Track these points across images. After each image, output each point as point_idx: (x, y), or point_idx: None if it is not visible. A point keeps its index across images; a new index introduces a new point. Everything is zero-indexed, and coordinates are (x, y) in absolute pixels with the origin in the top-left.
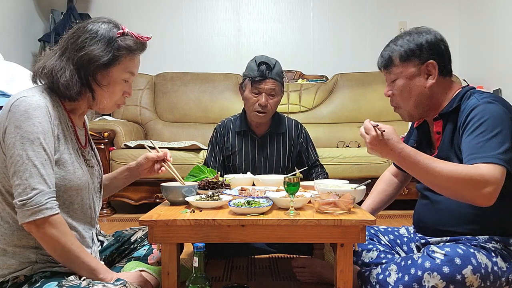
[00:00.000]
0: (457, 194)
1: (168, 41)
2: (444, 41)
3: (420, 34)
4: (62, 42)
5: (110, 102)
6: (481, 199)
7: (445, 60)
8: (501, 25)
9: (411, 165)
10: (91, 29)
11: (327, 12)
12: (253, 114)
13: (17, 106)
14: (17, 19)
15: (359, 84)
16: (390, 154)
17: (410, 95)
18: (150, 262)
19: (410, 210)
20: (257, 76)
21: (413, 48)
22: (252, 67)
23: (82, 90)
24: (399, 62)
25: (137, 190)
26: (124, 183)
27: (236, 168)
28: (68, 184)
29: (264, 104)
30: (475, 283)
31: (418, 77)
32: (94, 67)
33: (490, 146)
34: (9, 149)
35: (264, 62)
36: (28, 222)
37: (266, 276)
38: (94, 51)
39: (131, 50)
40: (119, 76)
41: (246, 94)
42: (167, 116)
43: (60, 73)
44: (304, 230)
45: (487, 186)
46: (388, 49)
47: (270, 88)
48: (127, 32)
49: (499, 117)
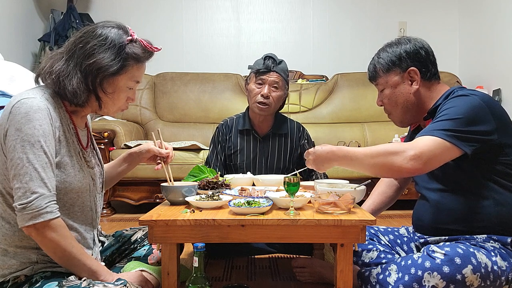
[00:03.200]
0: (384, 166)
1: (168, 41)
2: (424, 47)
3: (399, 45)
4: (69, 45)
5: (114, 108)
6: (404, 164)
7: (427, 65)
8: (501, 25)
9: (345, 155)
10: (101, 34)
11: (327, 12)
12: (254, 105)
13: (18, 108)
14: (17, 19)
15: (359, 84)
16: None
17: (397, 102)
18: (150, 262)
19: (410, 210)
20: (262, 68)
21: (393, 59)
22: (258, 62)
23: (88, 98)
24: (382, 73)
25: (137, 190)
26: (128, 168)
27: (237, 167)
28: (69, 187)
29: (266, 95)
30: (475, 283)
31: (402, 84)
32: (102, 76)
33: (439, 125)
34: (9, 152)
35: (270, 57)
36: (28, 226)
37: (266, 276)
38: (104, 60)
39: (139, 60)
40: (125, 84)
41: (250, 86)
42: (167, 116)
43: (68, 80)
44: (304, 230)
45: (407, 151)
46: (372, 62)
47: (273, 80)
48: (135, 39)
49: (468, 106)
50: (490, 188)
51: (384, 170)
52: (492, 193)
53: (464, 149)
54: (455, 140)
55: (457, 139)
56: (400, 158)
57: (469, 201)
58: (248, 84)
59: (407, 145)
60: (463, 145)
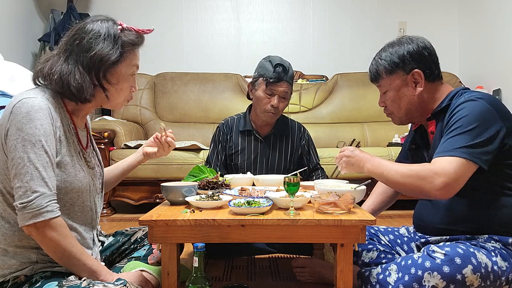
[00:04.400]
0: (414, 190)
1: (168, 41)
2: (427, 47)
3: (402, 45)
4: (64, 45)
5: (120, 98)
6: (433, 191)
7: (431, 67)
8: (501, 25)
9: (378, 164)
10: (93, 28)
11: (327, 12)
12: (264, 114)
13: (19, 108)
14: (17, 19)
15: (359, 84)
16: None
17: (400, 105)
18: (150, 262)
19: (410, 210)
20: (273, 78)
21: (396, 61)
22: (267, 67)
23: (94, 91)
24: (385, 75)
25: (137, 190)
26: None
27: (238, 167)
28: (69, 187)
29: (276, 106)
30: (475, 283)
31: (406, 87)
32: (105, 67)
33: (456, 141)
34: (10, 152)
35: (280, 64)
36: (28, 225)
37: (266, 276)
38: (104, 50)
39: (134, 44)
40: (127, 71)
41: (259, 94)
42: (167, 116)
43: (71, 77)
44: (304, 230)
45: (436, 178)
46: (374, 63)
47: (284, 91)
48: (126, 27)
49: (478, 113)
50: (492, 189)
51: (412, 192)
52: (494, 193)
53: (483, 166)
54: (476, 158)
55: (477, 157)
56: (429, 185)
57: (471, 202)
58: (256, 90)
59: (436, 169)
60: (483, 162)
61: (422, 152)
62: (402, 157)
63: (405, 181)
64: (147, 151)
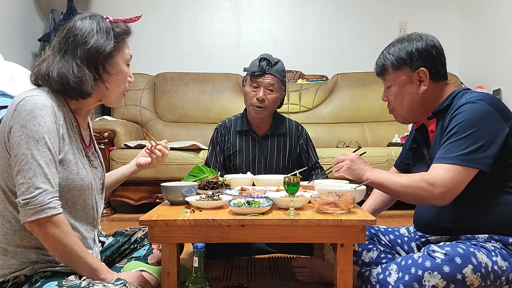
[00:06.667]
0: (414, 199)
1: (168, 41)
2: (436, 46)
3: (411, 42)
4: (57, 44)
5: (119, 89)
6: (432, 200)
7: (437, 66)
8: (501, 26)
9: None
10: (84, 25)
11: (327, 12)
12: (251, 108)
13: (23, 106)
14: (17, 19)
15: (359, 84)
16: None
17: (403, 101)
18: (150, 262)
19: (410, 210)
20: (256, 71)
21: (404, 57)
22: (253, 63)
23: (94, 84)
24: (391, 70)
25: (137, 190)
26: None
27: (236, 168)
28: (71, 184)
29: (262, 98)
30: (475, 282)
31: (410, 84)
32: (103, 57)
33: (455, 147)
34: (14, 148)
35: (265, 58)
36: (30, 221)
37: (266, 276)
38: (99, 41)
39: (126, 33)
40: (122, 60)
41: (246, 89)
42: (167, 116)
43: (69, 72)
44: (304, 230)
45: (434, 188)
46: (381, 56)
47: (268, 83)
48: (114, 19)
49: (478, 116)
50: (494, 188)
51: (412, 201)
52: (495, 193)
53: (484, 169)
54: (475, 164)
55: (477, 162)
56: (428, 195)
57: (471, 201)
58: (244, 86)
59: (433, 179)
60: (483, 166)
61: (422, 151)
62: (403, 157)
63: (405, 191)
64: (140, 162)
